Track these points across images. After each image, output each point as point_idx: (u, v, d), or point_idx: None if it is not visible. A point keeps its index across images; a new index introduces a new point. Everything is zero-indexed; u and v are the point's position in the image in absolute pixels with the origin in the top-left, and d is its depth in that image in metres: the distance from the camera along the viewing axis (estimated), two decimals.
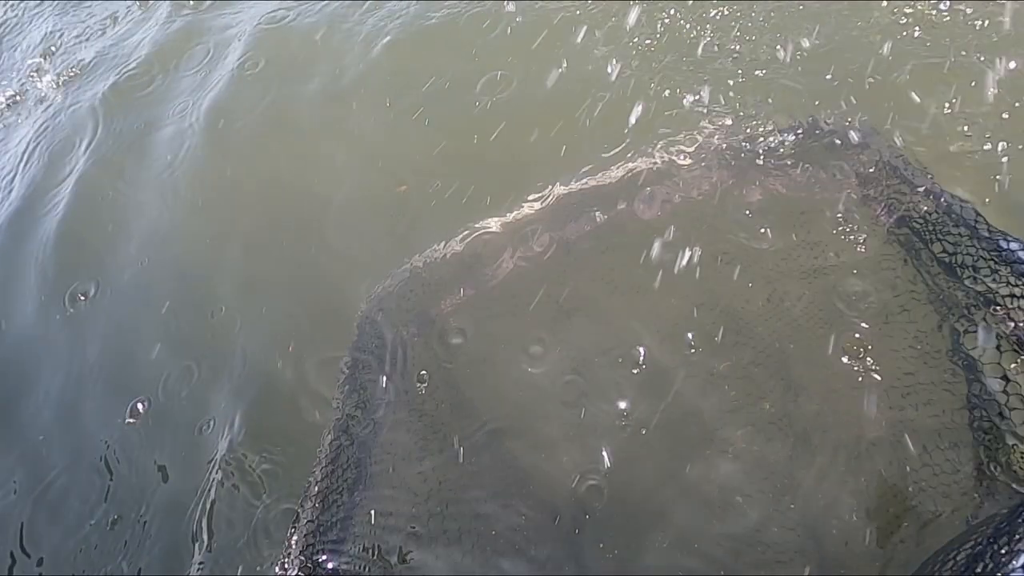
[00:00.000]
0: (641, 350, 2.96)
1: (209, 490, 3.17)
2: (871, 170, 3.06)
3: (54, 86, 5.81)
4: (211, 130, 4.73)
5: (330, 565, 2.71)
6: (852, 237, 3.02)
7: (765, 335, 2.90)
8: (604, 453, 2.78)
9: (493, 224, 3.37)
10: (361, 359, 3.12)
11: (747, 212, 3.19)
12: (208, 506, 3.14)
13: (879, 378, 2.69)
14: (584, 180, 3.40)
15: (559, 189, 3.39)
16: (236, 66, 5.09)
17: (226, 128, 4.70)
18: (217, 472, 3.21)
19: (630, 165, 3.39)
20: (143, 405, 3.57)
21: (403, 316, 3.23)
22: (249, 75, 5.02)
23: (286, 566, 2.71)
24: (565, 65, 4.16)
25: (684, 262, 3.10)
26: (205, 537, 3.06)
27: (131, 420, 3.54)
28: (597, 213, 3.29)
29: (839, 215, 3.08)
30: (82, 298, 4.14)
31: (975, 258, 2.61)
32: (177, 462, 3.34)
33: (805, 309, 2.91)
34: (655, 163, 3.35)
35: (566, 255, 3.25)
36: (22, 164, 5.23)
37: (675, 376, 2.88)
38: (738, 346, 2.91)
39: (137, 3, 6.23)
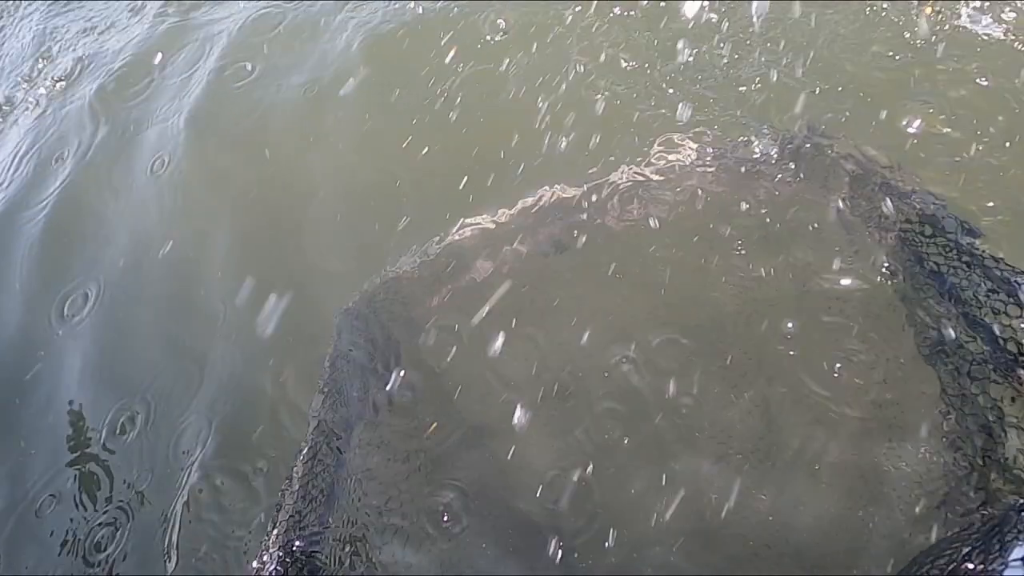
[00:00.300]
0: (625, 356, 2.97)
1: (188, 497, 3.18)
2: (859, 180, 3.07)
3: (42, 91, 5.82)
4: (196, 136, 4.74)
5: (307, 559, 2.72)
6: (839, 248, 3.04)
7: (750, 344, 2.91)
8: (588, 454, 2.80)
9: (478, 225, 3.40)
10: (342, 358, 3.14)
11: (733, 221, 3.20)
12: (187, 513, 3.14)
13: (865, 387, 2.71)
14: (569, 186, 3.43)
15: (542, 195, 3.42)
16: (222, 69, 5.10)
17: (211, 133, 4.72)
18: (196, 480, 3.21)
19: (616, 172, 3.41)
20: (126, 415, 3.56)
21: (383, 317, 3.26)
22: (233, 78, 5.02)
23: (264, 559, 2.71)
24: (553, 70, 4.18)
25: (669, 269, 3.12)
26: (184, 543, 3.07)
27: (114, 431, 3.53)
28: (581, 219, 3.32)
29: (826, 226, 3.09)
30: (67, 307, 4.13)
31: (964, 274, 2.62)
32: (158, 471, 3.34)
33: (790, 318, 2.92)
34: (641, 172, 3.37)
35: (549, 259, 3.27)
36: (11, 171, 5.23)
37: (660, 380, 2.89)
38: (723, 353, 2.92)
39: (127, 4, 6.26)
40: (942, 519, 2.39)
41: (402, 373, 3.13)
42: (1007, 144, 3.27)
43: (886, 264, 2.94)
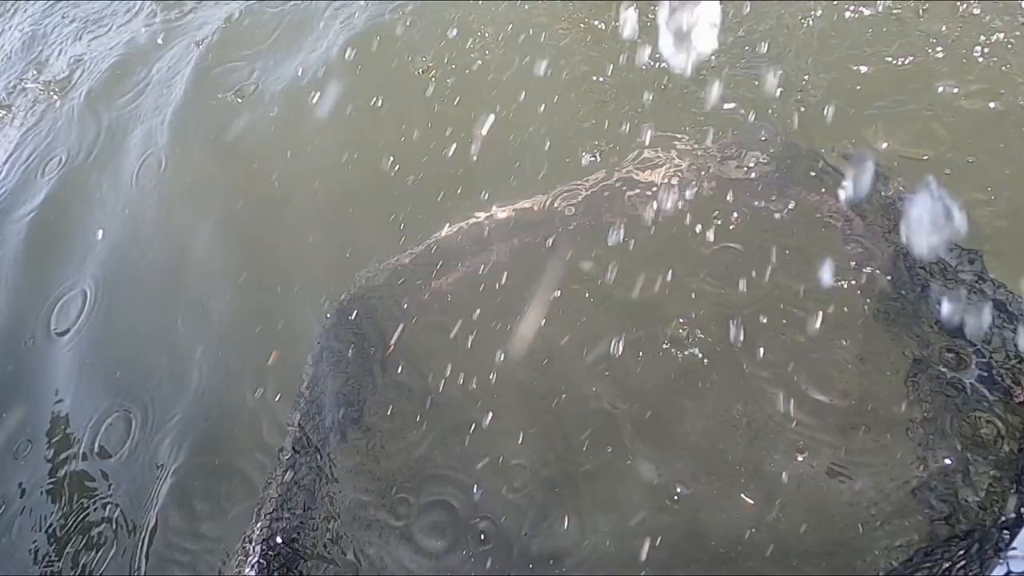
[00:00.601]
0: (609, 358, 2.97)
1: (172, 498, 3.20)
2: (850, 188, 3.07)
3: (31, 94, 5.86)
4: (184, 139, 4.78)
5: (291, 554, 2.73)
6: (826, 258, 3.01)
7: (731, 355, 2.90)
8: (575, 453, 2.81)
9: (466, 224, 3.44)
10: (329, 355, 3.15)
11: (719, 227, 3.19)
12: (172, 513, 3.16)
13: (844, 400, 2.71)
14: (560, 187, 3.44)
15: (531, 197, 3.44)
16: (208, 69, 5.15)
17: (199, 135, 4.75)
18: (181, 479, 3.23)
19: (607, 175, 3.43)
20: (115, 416, 3.56)
21: (372, 314, 3.28)
22: (221, 79, 5.05)
23: (248, 552, 2.71)
24: (542, 73, 4.17)
25: (660, 272, 3.11)
26: (170, 543, 3.08)
27: (101, 433, 3.54)
28: (571, 221, 3.33)
29: (814, 235, 3.09)
30: (57, 311, 4.15)
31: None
32: (143, 473, 3.35)
33: (772, 328, 2.92)
34: (631, 176, 3.37)
35: (538, 260, 3.28)
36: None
37: (642, 384, 2.90)
38: (704, 361, 2.92)
39: (118, 6, 6.32)
40: (919, 536, 2.41)
41: (389, 369, 3.14)
42: (1005, 148, 3.25)
43: (874, 276, 2.95)
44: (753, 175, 3.32)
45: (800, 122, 3.53)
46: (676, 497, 2.64)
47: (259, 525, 2.74)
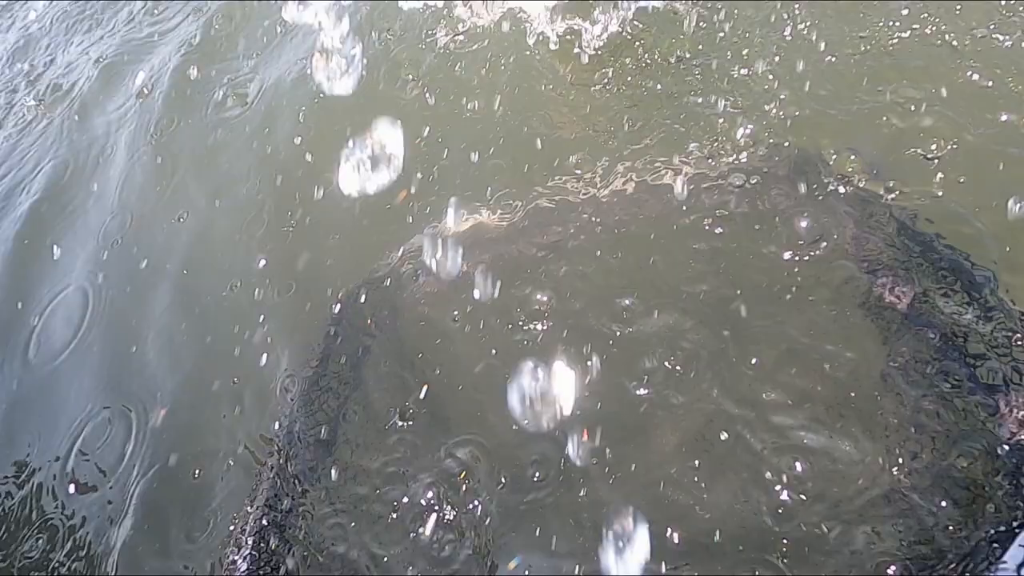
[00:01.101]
0: (596, 359, 2.98)
1: (165, 491, 3.21)
2: (865, 224, 3.10)
3: (19, 104, 5.91)
4: (171, 150, 4.81)
5: (281, 543, 2.72)
6: (839, 303, 2.99)
7: (725, 367, 2.90)
8: (558, 448, 2.80)
9: (465, 222, 3.46)
10: (330, 352, 3.19)
11: (711, 243, 3.21)
12: (166, 507, 3.16)
13: (841, 416, 2.72)
14: (538, 200, 3.49)
15: (529, 196, 3.49)
16: (201, 68, 5.19)
17: (187, 142, 4.78)
18: (177, 474, 3.23)
19: (590, 188, 3.46)
20: (104, 416, 3.57)
21: (373, 310, 3.32)
22: (215, 79, 5.10)
23: (240, 542, 2.70)
24: (524, 84, 4.21)
25: (660, 276, 3.15)
26: (161, 540, 3.08)
27: (90, 429, 3.56)
28: (579, 220, 3.36)
29: (819, 253, 3.09)
30: (45, 316, 4.18)
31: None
32: (133, 474, 3.34)
33: (766, 341, 2.93)
34: (618, 190, 3.41)
35: (535, 258, 3.31)
36: None
37: (626, 385, 2.92)
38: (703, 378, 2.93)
39: (107, 7, 6.36)
40: (906, 549, 2.40)
41: (383, 366, 3.16)
42: (984, 139, 3.29)
43: (876, 287, 2.96)
44: (748, 185, 3.35)
45: (796, 130, 3.56)
46: (654, 498, 2.65)
47: (252, 517, 2.73)
